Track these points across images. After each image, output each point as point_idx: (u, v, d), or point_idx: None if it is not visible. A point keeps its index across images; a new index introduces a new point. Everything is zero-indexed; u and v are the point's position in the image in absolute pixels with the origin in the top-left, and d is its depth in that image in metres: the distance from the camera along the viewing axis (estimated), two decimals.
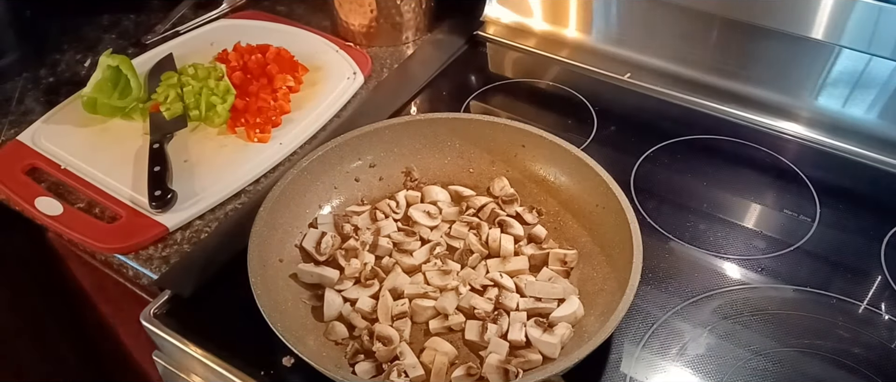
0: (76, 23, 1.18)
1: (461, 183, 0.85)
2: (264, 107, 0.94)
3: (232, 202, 0.86)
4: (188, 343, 0.71)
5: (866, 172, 0.89)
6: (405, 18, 1.10)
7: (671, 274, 0.76)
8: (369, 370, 0.66)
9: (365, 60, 1.06)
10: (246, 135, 0.92)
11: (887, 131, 0.91)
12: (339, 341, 0.70)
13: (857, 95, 0.92)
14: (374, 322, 0.71)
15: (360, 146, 0.84)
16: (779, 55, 0.95)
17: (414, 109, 1.02)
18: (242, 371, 0.68)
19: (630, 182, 0.87)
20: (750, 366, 0.68)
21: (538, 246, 0.78)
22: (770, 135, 0.94)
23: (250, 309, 0.65)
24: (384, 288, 0.73)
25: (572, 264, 0.75)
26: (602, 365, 0.68)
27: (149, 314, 0.73)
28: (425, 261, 0.75)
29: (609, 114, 0.98)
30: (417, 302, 0.71)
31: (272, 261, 0.74)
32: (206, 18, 1.16)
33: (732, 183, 0.88)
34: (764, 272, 0.77)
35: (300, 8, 1.21)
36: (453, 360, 0.68)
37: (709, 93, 0.99)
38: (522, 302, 0.72)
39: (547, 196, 0.83)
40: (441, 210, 0.81)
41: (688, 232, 0.81)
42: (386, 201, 0.82)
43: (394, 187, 0.85)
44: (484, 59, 1.12)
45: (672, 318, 0.72)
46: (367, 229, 0.79)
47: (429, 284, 0.73)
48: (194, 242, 0.81)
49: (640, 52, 1.05)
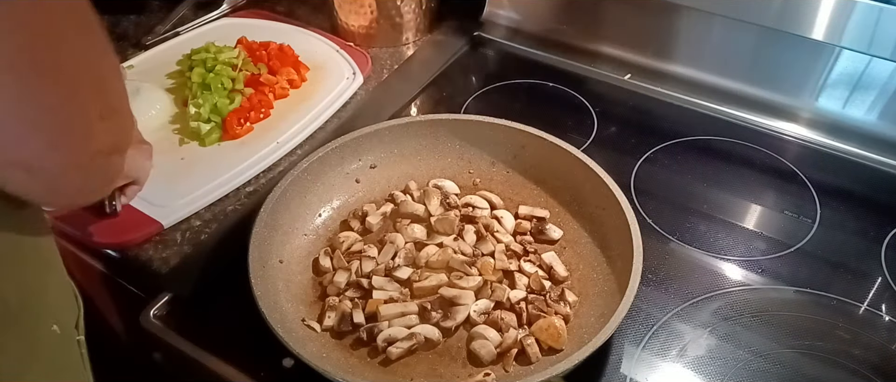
0: None
1: (461, 183, 0.85)
2: (264, 100, 0.95)
3: (232, 202, 0.86)
4: (188, 344, 0.71)
5: (866, 173, 0.89)
6: (405, 19, 1.10)
7: (671, 275, 0.76)
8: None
9: (365, 60, 1.06)
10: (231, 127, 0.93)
11: (887, 132, 0.91)
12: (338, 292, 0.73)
13: (857, 96, 0.92)
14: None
15: (361, 147, 0.84)
16: (779, 56, 0.95)
17: (414, 110, 1.02)
18: (242, 372, 0.68)
19: (630, 183, 0.87)
20: (750, 367, 0.68)
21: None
22: (770, 136, 0.94)
23: (250, 309, 0.65)
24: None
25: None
26: (602, 366, 0.68)
27: (149, 314, 0.73)
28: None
29: (609, 114, 0.98)
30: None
31: (272, 262, 0.74)
32: (207, 19, 1.16)
33: (733, 184, 0.88)
34: (764, 273, 0.77)
35: (300, 8, 1.21)
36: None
37: (709, 94, 0.99)
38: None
39: (547, 197, 0.83)
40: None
41: (688, 233, 0.81)
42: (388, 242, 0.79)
43: (394, 188, 0.85)
44: (484, 59, 1.12)
45: (672, 319, 0.72)
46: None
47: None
48: (194, 243, 0.81)
49: (641, 53, 1.05)
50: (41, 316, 0.56)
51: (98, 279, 0.93)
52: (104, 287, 0.94)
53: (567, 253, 0.78)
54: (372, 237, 0.80)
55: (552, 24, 1.11)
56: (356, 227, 0.81)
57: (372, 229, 0.80)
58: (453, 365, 0.68)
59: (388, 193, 0.84)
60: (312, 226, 0.81)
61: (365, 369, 0.67)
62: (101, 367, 0.69)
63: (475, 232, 0.79)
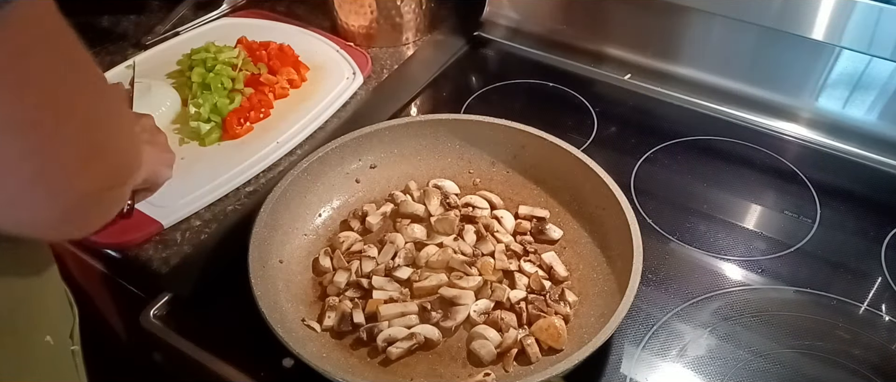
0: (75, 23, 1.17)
1: (461, 183, 0.85)
2: (264, 100, 0.95)
3: (232, 202, 0.86)
4: (188, 344, 0.71)
5: (866, 173, 0.89)
6: (405, 19, 1.10)
7: (671, 275, 0.76)
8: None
9: (365, 60, 1.06)
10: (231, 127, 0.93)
11: (887, 132, 0.91)
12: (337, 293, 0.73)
13: (857, 96, 0.92)
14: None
15: (361, 147, 0.84)
16: (779, 56, 0.95)
17: (414, 110, 1.02)
18: (242, 372, 0.68)
19: (630, 183, 0.87)
20: (750, 367, 0.68)
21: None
22: (770, 135, 0.94)
23: (250, 309, 0.65)
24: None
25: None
26: (602, 366, 0.68)
27: (149, 314, 0.73)
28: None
29: (609, 114, 0.98)
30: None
31: (272, 262, 0.74)
32: (207, 19, 1.16)
33: (733, 184, 0.88)
34: (764, 273, 0.77)
35: (300, 8, 1.21)
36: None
37: (709, 94, 0.99)
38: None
39: (547, 197, 0.83)
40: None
41: (688, 233, 0.81)
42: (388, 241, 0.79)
43: (394, 188, 0.85)
44: (484, 59, 1.12)
45: (672, 319, 0.72)
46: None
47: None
48: (194, 243, 0.81)
49: (641, 53, 1.05)
50: (34, 328, 0.55)
51: (98, 279, 0.93)
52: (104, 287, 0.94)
53: (567, 253, 0.78)
54: (372, 237, 0.80)
55: (552, 24, 1.11)
56: (356, 227, 0.81)
57: (372, 229, 0.80)
58: (453, 365, 0.68)
59: (388, 193, 0.84)
60: (312, 226, 0.81)
61: (365, 369, 0.67)
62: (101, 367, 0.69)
63: (475, 232, 0.79)
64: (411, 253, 0.76)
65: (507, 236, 0.79)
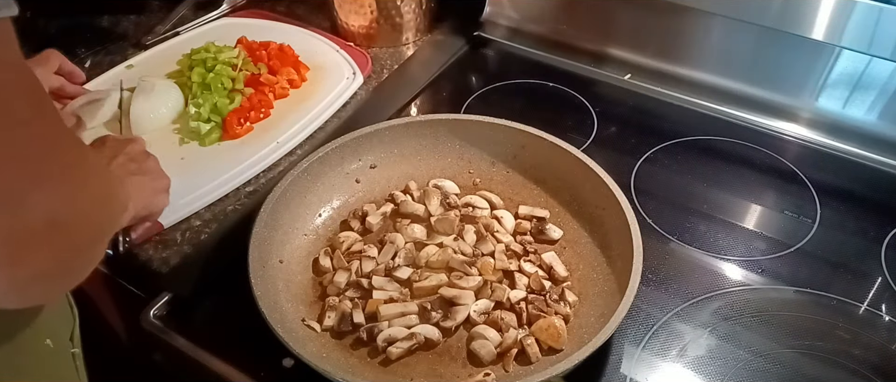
0: (76, 24, 1.18)
1: (461, 183, 0.85)
2: (264, 100, 0.95)
3: (232, 202, 0.86)
4: (188, 344, 0.71)
5: (866, 173, 0.89)
6: (405, 19, 1.10)
7: (671, 275, 0.76)
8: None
9: (365, 60, 1.06)
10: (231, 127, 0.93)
11: (887, 132, 0.91)
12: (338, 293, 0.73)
13: (857, 96, 0.92)
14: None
15: (361, 147, 0.84)
16: (779, 56, 0.95)
17: (414, 110, 1.02)
18: (242, 372, 0.68)
19: (630, 183, 0.87)
20: (750, 367, 0.68)
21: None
22: (770, 136, 0.94)
23: (250, 309, 0.65)
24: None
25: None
26: (602, 366, 0.68)
27: (149, 314, 0.73)
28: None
29: (609, 114, 0.98)
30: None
31: (272, 262, 0.74)
32: (207, 19, 1.16)
33: (733, 184, 0.88)
34: (764, 273, 0.77)
35: (300, 8, 1.21)
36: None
37: (709, 94, 0.99)
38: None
39: (547, 197, 0.83)
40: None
41: (688, 233, 0.81)
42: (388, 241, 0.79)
43: (394, 188, 0.85)
44: (484, 59, 1.12)
45: (672, 319, 0.72)
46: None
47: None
48: (194, 243, 0.81)
49: (641, 53, 1.05)
50: (34, 331, 0.55)
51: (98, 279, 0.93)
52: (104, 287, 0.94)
53: (567, 253, 0.78)
54: (372, 237, 0.80)
55: (552, 24, 1.11)
56: (356, 227, 0.81)
57: (372, 229, 0.80)
58: (453, 365, 0.68)
59: (388, 193, 0.84)
60: (312, 226, 0.81)
61: (365, 369, 0.67)
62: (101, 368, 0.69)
63: (475, 232, 0.79)
64: (411, 253, 0.76)
65: (507, 236, 0.79)
